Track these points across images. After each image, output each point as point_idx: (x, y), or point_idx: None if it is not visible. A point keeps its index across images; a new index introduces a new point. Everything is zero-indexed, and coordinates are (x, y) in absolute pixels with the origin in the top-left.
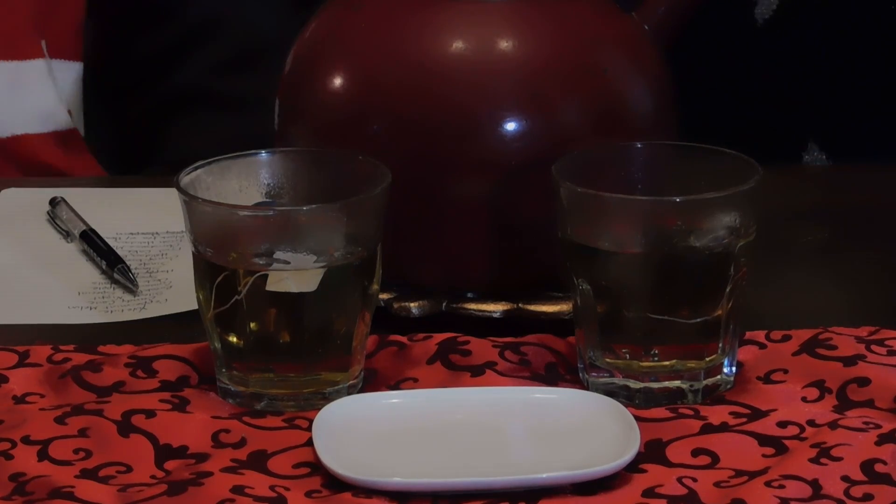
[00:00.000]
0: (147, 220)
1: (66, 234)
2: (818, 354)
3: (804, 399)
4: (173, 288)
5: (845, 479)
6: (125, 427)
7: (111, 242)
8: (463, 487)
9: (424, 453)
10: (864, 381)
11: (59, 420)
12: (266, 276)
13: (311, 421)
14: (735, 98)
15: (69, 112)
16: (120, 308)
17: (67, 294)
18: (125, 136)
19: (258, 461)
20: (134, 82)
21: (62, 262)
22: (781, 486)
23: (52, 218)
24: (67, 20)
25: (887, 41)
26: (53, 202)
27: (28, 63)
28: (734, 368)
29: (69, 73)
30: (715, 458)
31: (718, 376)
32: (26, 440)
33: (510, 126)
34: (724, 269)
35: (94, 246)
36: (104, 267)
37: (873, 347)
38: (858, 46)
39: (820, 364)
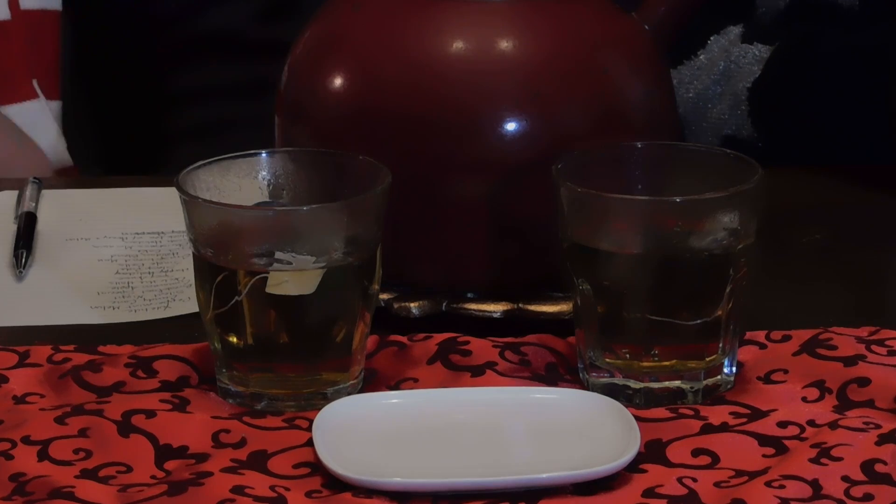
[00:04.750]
0: (152, 220)
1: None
2: (818, 354)
3: (804, 399)
4: (194, 286)
5: (845, 479)
6: (125, 427)
7: (118, 242)
8: (463, 487)
9: (424, 453)
10: (864, 382)
11: (60, 420)
12: (266, 278)
13: (311, 421)
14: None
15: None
16: (143, 307)
17: (86, 294)
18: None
19: (258, 461)
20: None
21: (71, 262)
22: (782, 487)
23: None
24: (49, 58)
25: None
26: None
27: (28, 104)
28: (734, 368)
29: (54, 110)
30: (715, 459)
31: (719, 376)
32: (26, 440)
33: (510, 126)
34: (724, 270)
35: (25, 227)
36: (13, 248)
37: (873, 347)
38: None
39: (820, 364)
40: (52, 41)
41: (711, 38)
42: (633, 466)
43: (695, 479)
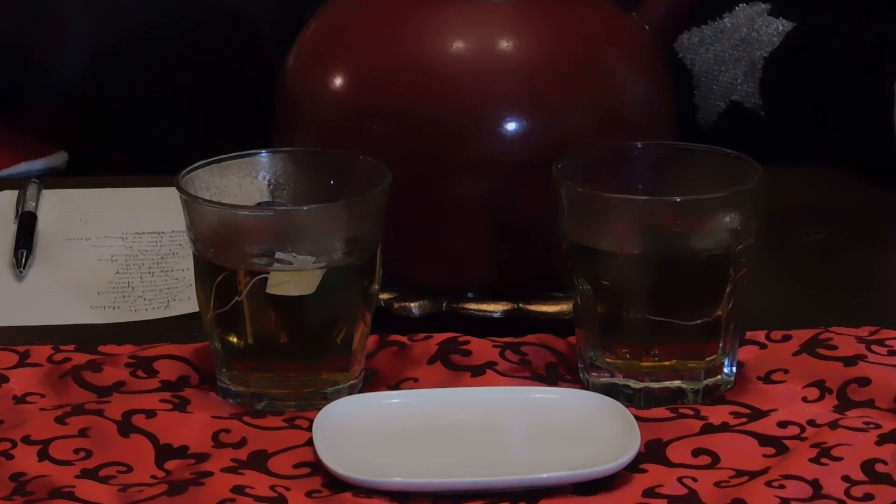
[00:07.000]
0: (152, 220)
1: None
2: (818, 354)
3: (804, 399)
4: (194, 286)
5: (846, 479)
6: (125, 427)
7: (118, 242)
8: (463, 487)
9: (424, 453)
10: (864, 381)
11: (60, 420)
12: (266, 278)
13: (311, 421)
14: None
15: None
16: (143, 307)
17: (86, 294)
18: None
19: (258, 461)
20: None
21: (71, 262)
22: (782, 486)
23: (20, 201)
24: None
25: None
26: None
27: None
28: (734, 368)
29: None
30: (715, 458)
31: (719, 376)
32: (27, 440)
33: (510, 126)
34: (724, 270)
35: (25, 227)
36: (13, 248)
37: (873, 347)
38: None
39: (820, 364)
40: None
41: (739, 6)
42: (633, 466)
43: (695, 479)
